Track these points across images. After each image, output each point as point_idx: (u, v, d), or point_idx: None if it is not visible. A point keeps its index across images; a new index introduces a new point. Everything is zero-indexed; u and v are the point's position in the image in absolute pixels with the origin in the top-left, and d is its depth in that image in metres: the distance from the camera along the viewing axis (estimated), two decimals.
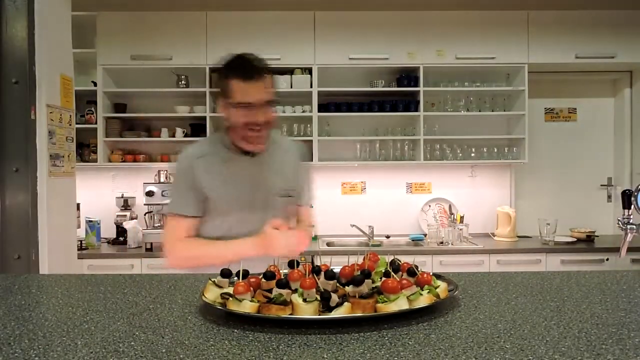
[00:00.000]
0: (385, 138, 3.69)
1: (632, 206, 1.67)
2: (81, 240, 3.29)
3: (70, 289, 1.26)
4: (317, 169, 3.48)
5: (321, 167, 3.66)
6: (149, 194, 3.37)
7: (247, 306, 0.92)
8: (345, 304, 0.92)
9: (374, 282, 1.01)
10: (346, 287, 0.98)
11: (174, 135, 3.60)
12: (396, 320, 0.92)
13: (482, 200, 3.86)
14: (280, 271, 1.07)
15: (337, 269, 1.06)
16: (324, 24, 3.50)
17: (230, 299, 0.94)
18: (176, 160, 1.63)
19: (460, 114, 3.67)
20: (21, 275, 1.83)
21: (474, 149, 3.67)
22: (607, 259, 3.24)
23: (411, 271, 1.05)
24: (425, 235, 3.63)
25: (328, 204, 3.75)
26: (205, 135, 3.51)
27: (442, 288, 1.03)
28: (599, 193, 4.03)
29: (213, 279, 1.06)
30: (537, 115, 3.96)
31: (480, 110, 3.70)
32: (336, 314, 0.90)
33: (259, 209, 1.59)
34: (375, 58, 3.52)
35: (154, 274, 1.42)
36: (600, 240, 3.50)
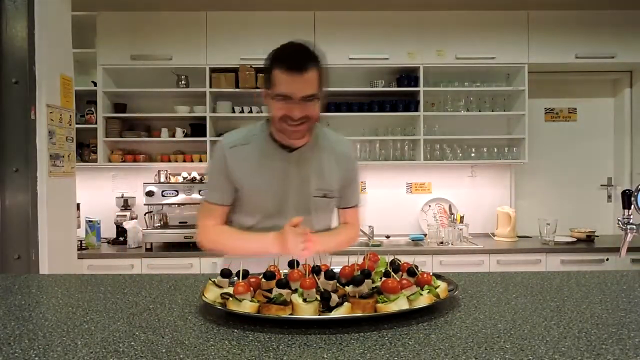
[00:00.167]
0: (385, 138, 3.69)
1: (632, 206, 1.67)
2: (81, 240, 3.29)
3: (70, 289, 1.27)
4: None
5: None
6: (149, 194, 3.37)
7: (247, 306, 0.92)
8: (345, 304, 0.92)
9: (374, 282, 1.01)
10: (346, 287, 0.98)
11: (174, 135, 3.60)
12: (396, 320, 0.92)
13: (482, 200, 3.86)
14: (280, 271, 1.08)
15: (337, 269, 1.06)
16: (324, 24, 3.50)
17: (230, 299, 0.95)
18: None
19: (460, 114, 3.67)
20: (21, 275, 1.83)
21: (474, 149, 3.67)
22: (607, 259, 3.24)
23: (411, 271, 1.05)
24: (425, 235, 3.63)
25: None
26: (205, 136, 3.52)
27: (442, 288, 1.03)
28: (599, 193, 4.02)
29: (213, 279, 1.06)
30: (537, 115, 3.96)
31: (480, 110, 3.70)
32: (336, 314, 0.90)
33: (291, 206, 1.54)
34: (375, 58, 3.52)
35: (154, 274, 1.42)
36: (600, 240, 3.50)
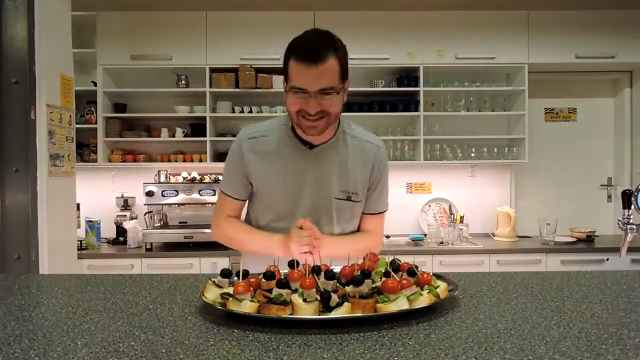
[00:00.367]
0: (385, 138, 3.68)
1: (632, 206, 1.67)
2: (81, 240, 3.29)
3: (70, 289, 1.26)
4: None
5: None
6: (149, 194, 3.37)
7: (247, 306, 0.92)
8: (345, 304, 0.92)
9: (374, 282, 1.01)
10: (346, 287, 0.98)
11: (174, 135, 3.60)
12: (396, 320, 0.92)
13: (482, 200, 3.86)
14: (280, 271, 1.07)
15: (337, 269, 1.06)
16: (324, 24, 3.42)
17: (230, 299, 0.94)
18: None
19: (460, 114, 3.67)
20: (21, 275, 1.83)
21: (474, 149, 3.67)
22: (607, 259, 3.24)
23: (411, 271, 1.05)
24: (425, 235, 3.63)
25: None
26: (205, 136, 3.52)
27: (442, 288, 1.03)
28: (599, 193, 4.02)
29: (213, 279, 1.06)
30: (537, 115, 3.96)
31: (480, 110, 3.70)
32: (336, 314, 0.90)
33: (306, 207, 1.45)
34: (375, 58, 3.52)
35: (154, 274, 1.42)
36: (600, 240, 3.50)
